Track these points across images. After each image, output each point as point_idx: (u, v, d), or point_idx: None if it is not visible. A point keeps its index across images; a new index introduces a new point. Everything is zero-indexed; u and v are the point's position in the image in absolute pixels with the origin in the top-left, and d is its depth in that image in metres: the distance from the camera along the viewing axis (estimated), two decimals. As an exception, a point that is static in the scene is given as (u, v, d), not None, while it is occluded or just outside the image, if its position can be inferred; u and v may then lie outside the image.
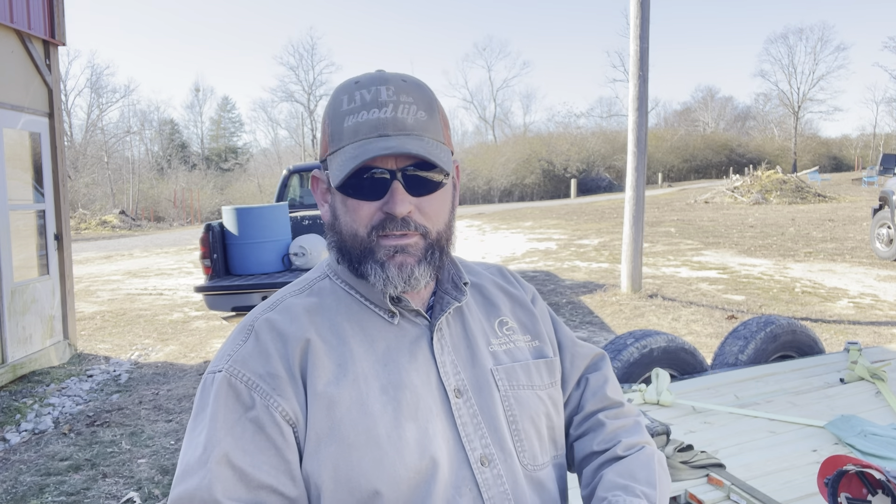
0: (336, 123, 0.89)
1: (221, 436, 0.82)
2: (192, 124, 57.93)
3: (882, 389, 2.76)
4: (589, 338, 6.59)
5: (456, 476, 0.87)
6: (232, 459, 0.80)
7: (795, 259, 11.10)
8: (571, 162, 45.14)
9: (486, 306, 1.04)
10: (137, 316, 8.49)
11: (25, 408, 4.92)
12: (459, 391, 0.91)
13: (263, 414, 0.83)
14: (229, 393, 0.84)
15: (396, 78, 0.89)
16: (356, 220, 0.88)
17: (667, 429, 2.14)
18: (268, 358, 0.86)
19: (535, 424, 0.95)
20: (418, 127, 0.87)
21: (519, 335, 1.03)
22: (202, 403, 0.86)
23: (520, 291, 1.10)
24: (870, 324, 6.81)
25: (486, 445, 0.90)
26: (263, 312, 0.93)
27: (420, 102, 0.88)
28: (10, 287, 5.57)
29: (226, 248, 6.53)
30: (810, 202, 22.51)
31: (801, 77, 61.93)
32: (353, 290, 0.95)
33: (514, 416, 0.94)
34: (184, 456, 0.84)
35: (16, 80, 5.82)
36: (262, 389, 0.84)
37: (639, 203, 8.42)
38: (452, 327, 0.97)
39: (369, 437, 0.84)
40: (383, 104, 0.86)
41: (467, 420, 0.90)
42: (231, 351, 0.89)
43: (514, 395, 0.95)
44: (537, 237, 16.14)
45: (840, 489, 1.52)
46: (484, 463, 0.89)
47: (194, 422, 0.86)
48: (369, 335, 0.91)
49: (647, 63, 8.26)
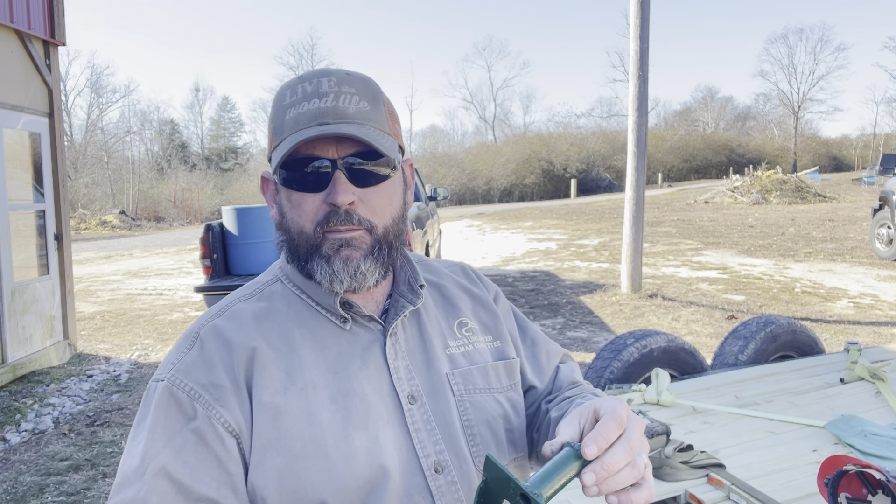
0: (278, 117, 0.87)
1: (160, 447, 0.79)
2: (192, 124, 58.00)
3: (882, 389, 2.76)
4: (589, 338, 6.59)
5: (409, 484, 0.85)
6: (171, 472, 0.78)
7: (795, 259, 11.09)
8: (571, 162, 45.14)
9: (445, 307, 1.02)
10: (137, 316, 8.49)
11: (25, 408, 4.92)
12: (413, 397, 0.89)
13: (205, 425, 0.80)
14: (170, 403, 0.82)
15: (340, 71, 0.88)
16: (301, 215, 0.86)
17: (667, 429, 2.14)
18: (212, 367, 0.84)
19: (492, 428, 0.94)
20: (360, 116, 0.85)
21: (479, 336, 1.01)
22: (143, 413, 0.83)
23: (482, 290, 1.08)
24: (870, 324, 6.81)
25: (440, 452, 0.88)
26: (210, 319, 0.90)
27: (363, 94, 0.87)
28: (10, 287, 5.57)
29: (226, 248, 6.53)
30: (810, 202, 22.51)
31: (801, 77, 62.02)
32: (303, 294, 0.92)
33: (470, 420, 0.92)
34: (122, 466, 0.81)
35: (16, 80, 5.82)
36: (205, 400, 0.82)
37: (639, 203, 8.42)
38: (408, 331, 0.94)
39: (317, 447, 0.82)
40: (324, 94, 0.84)
41: (421, 426, 0.88)
42: (175, 359, 0.86)
43: (471, 400, 0.93)
44: (537, 237, 16.14)
45: (840, 489, 1.52)
46: (438, 470, 0.87)
47: (135, 431, 0.83)
48: (320, 342, 0.89)
49: (647, 63, 8.26)
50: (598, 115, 63.25)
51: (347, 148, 0.84)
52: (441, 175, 40.51)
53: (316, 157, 0.84)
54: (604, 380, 3.05)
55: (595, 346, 6.27)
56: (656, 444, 2.10)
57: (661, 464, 2.06)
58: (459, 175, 41.95)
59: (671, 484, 2.00)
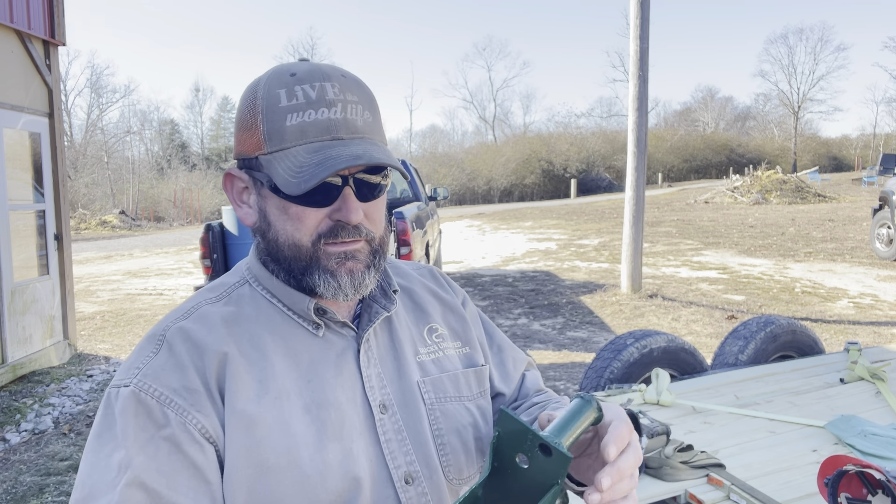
0: (274, 121, 0.81)
1: (132, 454, 0.74)
2: (192, 124, 58.02)
3: (882, 389, 2.76)
4: (589, 338, 6.59)
5: (379, 496, 0.83)
6: (145, 481, 0.72)
7: (795, 259, 11.10)
8: (571, 162, 45.15)
9: (415, 312, 0.99)
10: (137, 316, 8.49)
11: (25, 408, 4.92)
12: (385, 406, 0.87)
13: (180, 431, 0.76)
14: (139, 409, 0.76)
15: (336, 73, 0.84)
16: (299, 228, 0.82)
17: (667, 429, 2.14)
18: (183, 370, 0.79)
19: (462, 437, 0.92)
20: (367, 129, 0.83)
21: (449, 342, 0.99)
22: (107, 422, 0.77)
23: (451, 295, 1.05)
24: (870, 324, 6.81)
25: (410, 462, 0.86)
26: (176, 321, 0.84)
27: (364, 102, 0.84)
28: (10, 287, 5.57)
29: (226, 248, 6.53)
30: (810, 202, 22.51)
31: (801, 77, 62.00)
32: (274, 299, 0.88)
33: (441, 429, 0.90)
34: (85, 479, 0.75)
35: (16, 80, 5.82)
36: (177, 405, 0.77)
37: (639, 203, 8.42)
38: (380, 337, 0.92)
39: (290, 460, 0.78)
40: (331, 103, 0.80)
41: (392, 436, 0.86)
42: (140, 363, 0.80)
43: (441, 409, 0.91)
44: (537, 237, 16.14)
45: (840, 489, 1.52)
46: (408, 481, 0.85)
47: (96, 441, 0.77)
48: (292, 349, 0.85)
49: (647, 63, 8.26)
50: (598, 115, 63.31)
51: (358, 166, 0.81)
52: (441, 175, 40.51)
53: None
54: (604, 380, 3.05)
55: (595, 346, 6.27)
56: (656, 444, 2.10)
57: (661, 464, 2.06)
58: (459, 175, 41.95)
59: (671, 484, 2.00)
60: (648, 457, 2.08)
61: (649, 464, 2.07)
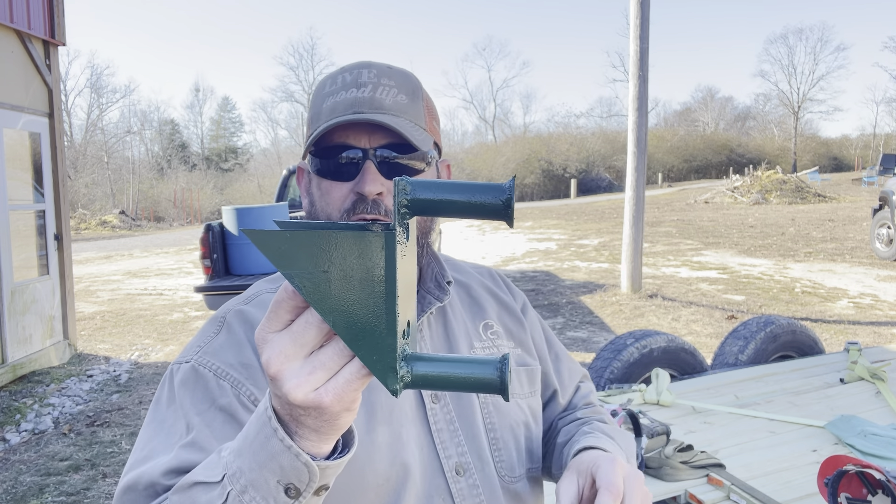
0: (316, 106, 0.87)
1: (191, 421, 0.76)
2: (192, 124, 58.01)
3: (882, 389, 2.76)
4: (589, 338, 6.59)
5: (429, 485, 0.83)
6: (203, 446, 0.74)
7: (795, 259, 11.10)
8: (571, 162, 45.14)
9: (471, 307, 1.00)
10: (137, 316, 8.49)
11: (25, 408, 4.92)
12: (437, 396, 0.88)
13: (235, 401, 0.78)
14: (197, 381, 0.79)
15: (382, 64, 0.87)
16: (329, 202, 0.85)
17: (667, 429, 2.14)
18: (241, 347, 0.82)
19: (515, 434, 0.92)
20: (396, 108, 0.84)
21: (503, 340, 0.99)
22: (168, 394, 0.80)
23: (509, 297, 1.06)
24: (870, 324, 6.81)
25: (462, 454, 0.86)
26: (237, 305, 0.89)
27: (402, 87, 0.86)
28: (10, 287, 5.57)
29: (226, 248, 6.53)
30: (810, 202, 22.51)
31: (801, 77, 62.02)
32: None
33: (493, 423, 0.91)
34: (147, 443, 0.77)
35: (16, 80, 5.82)
36: (233, 377, 0.80)
37: (639, 203, 8.42)
38: (434, 328, 0.93)
39: None
40: (362, 84, 0.84)
41: (443, 426, 0.87)
42: (201, 343, 0.84)
43: (494, 403, 0.92)
44: (537, 237, 16.13)
45: (840, 489, 1.52)
46: (459, 472, 0.85)
47: (157, 410, 0.80)
48: None
49: (647, 63, 8.26)
50: (598, 115, 63.36)
51: (380, 139, 0.83)
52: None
53: (348, 145, 0.83)
54: (604, 380, 3.05)
55: (595, 346, 6.27)
56: (656, 444, 2.10)
57: (661, 464, 2.06)
58: (459, 175, 41.96)
59: (671, 484, 2.00)
60: (648, 457, 2.08)
61: (649, 464, 2.07)
